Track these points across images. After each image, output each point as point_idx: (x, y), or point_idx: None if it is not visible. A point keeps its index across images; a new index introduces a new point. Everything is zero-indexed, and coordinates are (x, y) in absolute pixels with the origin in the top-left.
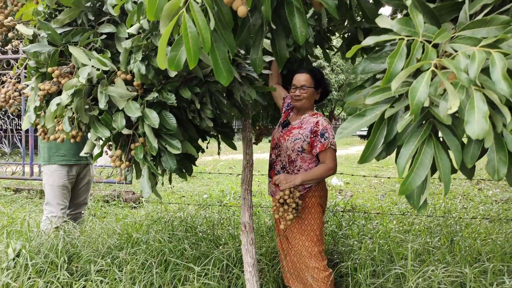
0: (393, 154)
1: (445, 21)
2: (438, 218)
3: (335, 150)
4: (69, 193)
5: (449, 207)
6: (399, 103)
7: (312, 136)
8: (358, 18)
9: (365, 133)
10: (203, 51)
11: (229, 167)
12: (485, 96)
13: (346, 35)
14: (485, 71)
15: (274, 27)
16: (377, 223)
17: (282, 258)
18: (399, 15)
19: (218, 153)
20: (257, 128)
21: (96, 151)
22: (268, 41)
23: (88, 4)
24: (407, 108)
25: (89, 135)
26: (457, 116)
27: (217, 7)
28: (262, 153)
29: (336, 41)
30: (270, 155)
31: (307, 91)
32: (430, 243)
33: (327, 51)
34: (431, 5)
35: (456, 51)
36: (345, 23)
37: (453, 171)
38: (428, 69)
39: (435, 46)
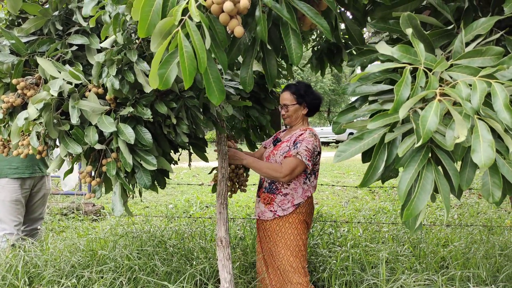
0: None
1: (435, 48)
2: (402, 226)
3: (301, 161)
4: (23, 208)
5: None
6: (398, 128)
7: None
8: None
9: (325, 139)
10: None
11: (192, 175)
12: (487, 124)
13: (315, 48)
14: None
15: (269, 47)
16: (344, 230)
17: (261, 272)
18: (369, 35)
19: (189, 165)
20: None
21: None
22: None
23: (56, 13)
24: (405, 133)
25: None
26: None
27: (211, 25)
28: None
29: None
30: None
31: (289, 109)
32: (398, 251)
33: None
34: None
35: (453, 78)
36: (317, 38)
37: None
38: (433, 98)
39: (433, 73)
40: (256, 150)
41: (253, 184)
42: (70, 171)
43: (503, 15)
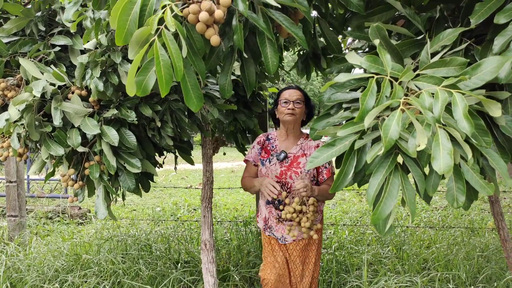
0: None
1: (405, 57)
2: None
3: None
4: None
5: (395, 215)
6: (367, 135)
7: None
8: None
9: None
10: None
11: (181, 177)
12: (447, 133)
13: (301, 52)
14: (446, 108)
15: (246, 56)
16: (330, 232)
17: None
18: (353, 43)
19: (175, 168)
20: (213, 138)
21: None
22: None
23: (39, 13)
24: (374, 140)
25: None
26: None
27: (188, 34)
28: (215, 162)
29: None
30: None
31: (301, 106)
32: (381, 253)
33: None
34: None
35: (419, 88)
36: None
37: None
38: (397, 107)
39: (400, 83)
40: (247, 154)
41: (240, 187)
42: (52, 173)
43: (470, 26)
